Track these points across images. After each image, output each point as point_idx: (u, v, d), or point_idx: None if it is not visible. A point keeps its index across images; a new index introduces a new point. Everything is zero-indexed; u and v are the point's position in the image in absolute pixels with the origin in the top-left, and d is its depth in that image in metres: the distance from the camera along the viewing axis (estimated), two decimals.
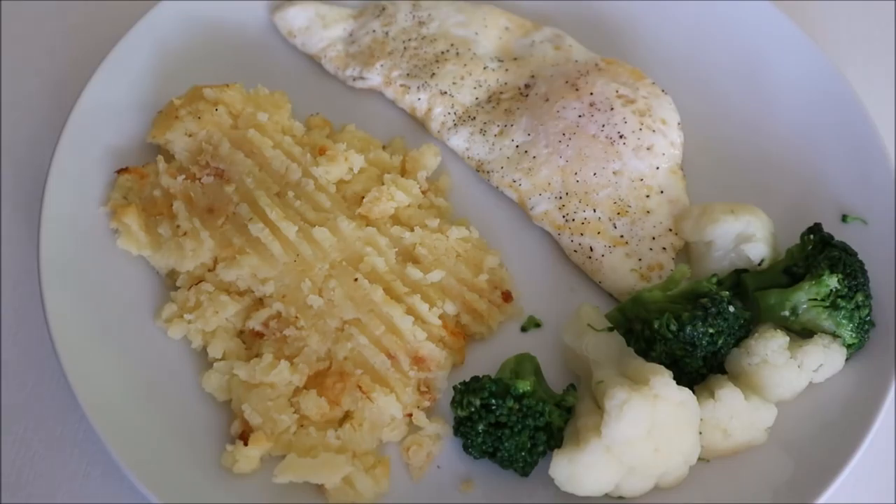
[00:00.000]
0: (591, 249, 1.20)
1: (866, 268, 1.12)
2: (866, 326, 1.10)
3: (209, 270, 1.15)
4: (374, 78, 1.34)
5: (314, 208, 1.18)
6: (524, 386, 1.04)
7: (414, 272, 1.15)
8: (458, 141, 1.29)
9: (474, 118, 1.30)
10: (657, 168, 1.24)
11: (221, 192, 1.17)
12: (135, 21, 1.31)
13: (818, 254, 1.12)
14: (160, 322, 1.13)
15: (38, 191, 1.16)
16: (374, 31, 1.37)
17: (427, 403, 1.11)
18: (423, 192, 1.24)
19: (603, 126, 1.24)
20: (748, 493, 1.05)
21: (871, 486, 1.14)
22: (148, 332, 1.13)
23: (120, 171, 1.20)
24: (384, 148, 1.29)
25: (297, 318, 1.11)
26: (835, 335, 1.09)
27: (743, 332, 1.09)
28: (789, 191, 1.26)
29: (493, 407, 1.03)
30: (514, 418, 1.03)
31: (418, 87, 1.31)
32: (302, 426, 1.07)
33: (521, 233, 1.25)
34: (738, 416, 1.05)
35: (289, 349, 1.10)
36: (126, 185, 1.20)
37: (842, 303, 1.08)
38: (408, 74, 1.33)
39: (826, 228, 1.14)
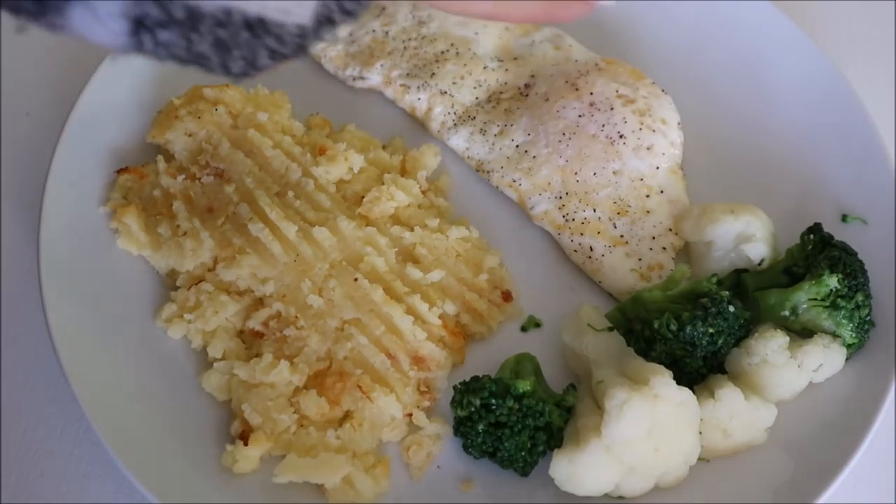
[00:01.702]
0: (591, 249, 1.20)
1: (866, 268, 1.12)
2: (866, 326, 1.10)
3: (209, 270, 1.15)
4: (374, 78, 1.34)
5: (314, 208, 1.18)
6: (524, 386, 1.04)
7: (414, 272, 1.15)
8: (458, 141, 1.29)
9: (474, 118, 1.30)
10: (657, 168, 1.24)
11: (221, 191, 1.17)
12: None
13: (818, 254, 1.12)
14: (160, 322, 1.13)
15: (38, 191, 1.16)
16: (373, 30, 1.37)
17: (427, 403, 1.11)
18: (423, 192, 1.24)
19: (603, 126, 1.24)
20: (748, 493, 1.05)
21: (871, 486, 1.14)
22: (148, 332, 1.13)
23: (120, 171, 1.20)
24: (384, 148, 1.29)
25: (297, 317, 1.11)
26: (835, 335, 1.09)
27: (743, 332, 1.09)
28: (789, 191, 1.26)
29: (493, 407, 1.03)
30: (514, 418, 1.03)
31: (418, 87, 1.31)
32: (302, 426, 1.07)
33: (521, 233, 1.25)
34: (738, 416, 1.05)
35: (289, 349, 1.10)
36: (126, 185, 1.20)
37: (842, 303, 1.08)
38: (408, 74, 1.33)
39: (826, 228, 1.14)
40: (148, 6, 0.67)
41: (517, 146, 1.26)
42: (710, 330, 1.06)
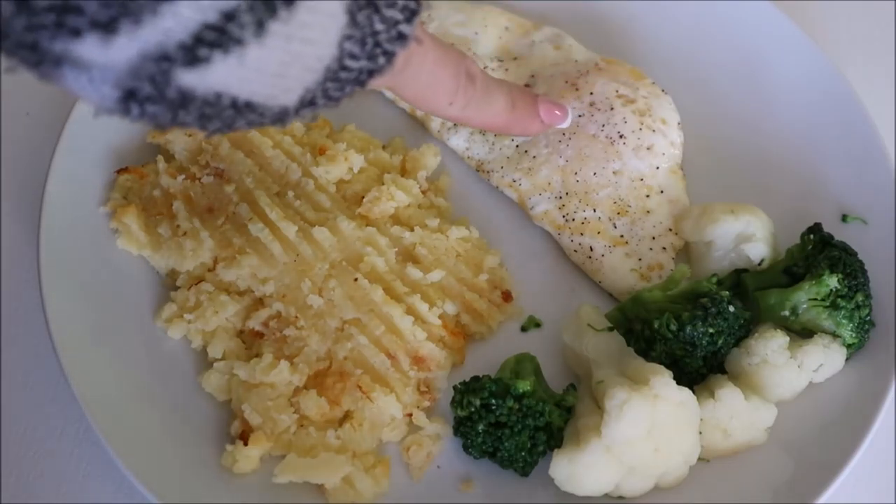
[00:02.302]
0: (591, 249, 1.20)
1: (866, 268, 1.12)
2: (866, 326, 1.10)
3: (209, 270, 1.15)
4: None
5: (314, 208, 1.18)
6: (524, 386, 1.04)
7: (414, 272, 1.15)
8: (458, 141, 1.29)
9: None
10: (657, 168, 1.24)
11: (221, 191, 1.17)
12: None
13: (818, 254, 1.12)
14: (160, 322, 1.13)
15: (38, 191, 1.16)
16: None
17: (427, 403, 1.11)
18: (423, 192, 1.24)
19: (603, 126, 1.24)
20: (748, 493, 1.05)
21: (871, 486, 1.14)
22: (148, 332, 1.13)
23: (120, 171, 1.20)
24: (384, 148, 1.28)
25: (297, 317, 1.11)
26: (835, 335, 1.09)
27: (743, 332, 1.09)
28: (789, 191, 1.26)
29: (493, 407, 1.03)
30: (514, 418, 1.03)
31: None
32: (302, 426, 1.07)
33: (521, 233, 1.25)
34: (738, 416, 1.05)
35: (289, 349, 1.10)
36: (126, 185, 1.20)
37: (842, 303, 1.08)
38: None
39: (826, 228, 1.14)
40: (143, 83, 0.68)
41: (517, 146, 1.26)
42: (710, 330, 1.06)
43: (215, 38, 0.66)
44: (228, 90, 0.71)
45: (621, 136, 1.23)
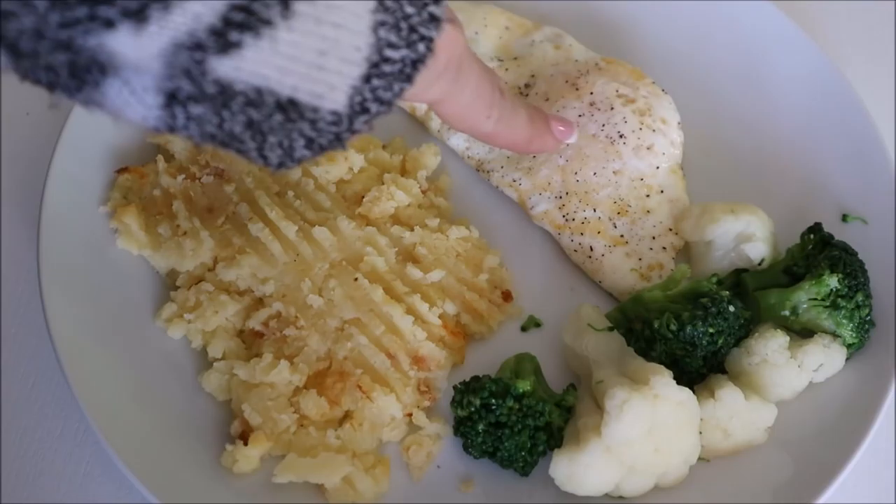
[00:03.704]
0: (591, 249, 1.20)
1: (866, 268, 1.12)
2: (866, 326, 1.10)
3: (209, 270, 1.15)
4: None
5: (314, 208, 1.18)
6: (524, 386, 1.04)
7: (414, 272, 1.15)
8: (458, 140, 1.29)
9: None
10: (657, 167, 1.24)
11: (221, 191, 1.17)
12: None
13: (818, 253, 1.12)
14: (160, 322, 1.13)
15: (38, 191, 1.16)
16: None
17: (427, 403, 1.11)
18: (423, 192, 1.24)
19: (603, 126, 1.24)
20: (748, 493, 1.05)
21: (871, 486, 1.14)
22: (148, 332, 1.13)
23: (120, 171, 1.20)
24: (384, 148, 1.28)
25: (297, 317, 1.11)
26: (835, 335, 1.09)
27: (743, 332, 1.09)
28: (789, 191, 1.26)
29: (493, 407, 1.03)
30: (514, 418, 1.03)
31: None
32: (302, 426, 1.07)
33: (521, 233, 1.25)
34: (738, 415, 1.05)
35: (289, 349, 1.10)
36: (126, 184, 1.20)
37: (842, 302, 1.08)
38: None
39: (826, 228, 1.14)
40: (181, 81, 0.68)
41: None
42: (710, 330, 1.06)
43: (243, 18, 0.66)
44: (268, 84, 0.70)
45: (621, 136, 1.23)
